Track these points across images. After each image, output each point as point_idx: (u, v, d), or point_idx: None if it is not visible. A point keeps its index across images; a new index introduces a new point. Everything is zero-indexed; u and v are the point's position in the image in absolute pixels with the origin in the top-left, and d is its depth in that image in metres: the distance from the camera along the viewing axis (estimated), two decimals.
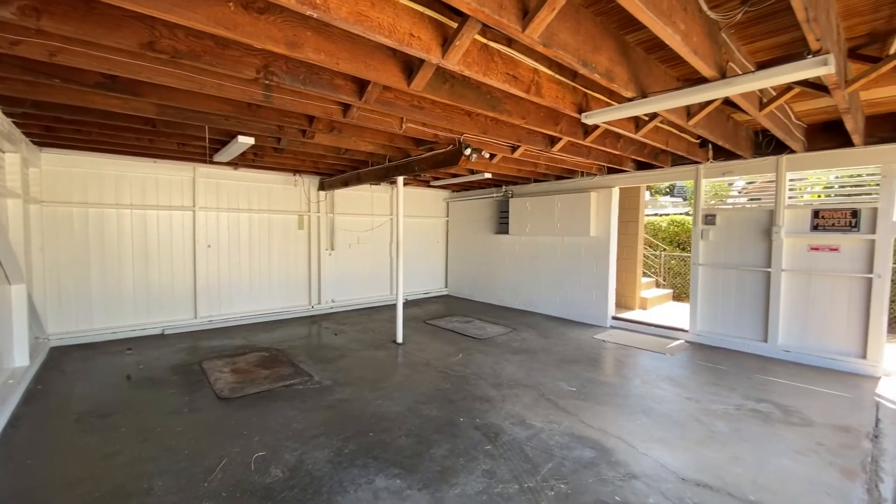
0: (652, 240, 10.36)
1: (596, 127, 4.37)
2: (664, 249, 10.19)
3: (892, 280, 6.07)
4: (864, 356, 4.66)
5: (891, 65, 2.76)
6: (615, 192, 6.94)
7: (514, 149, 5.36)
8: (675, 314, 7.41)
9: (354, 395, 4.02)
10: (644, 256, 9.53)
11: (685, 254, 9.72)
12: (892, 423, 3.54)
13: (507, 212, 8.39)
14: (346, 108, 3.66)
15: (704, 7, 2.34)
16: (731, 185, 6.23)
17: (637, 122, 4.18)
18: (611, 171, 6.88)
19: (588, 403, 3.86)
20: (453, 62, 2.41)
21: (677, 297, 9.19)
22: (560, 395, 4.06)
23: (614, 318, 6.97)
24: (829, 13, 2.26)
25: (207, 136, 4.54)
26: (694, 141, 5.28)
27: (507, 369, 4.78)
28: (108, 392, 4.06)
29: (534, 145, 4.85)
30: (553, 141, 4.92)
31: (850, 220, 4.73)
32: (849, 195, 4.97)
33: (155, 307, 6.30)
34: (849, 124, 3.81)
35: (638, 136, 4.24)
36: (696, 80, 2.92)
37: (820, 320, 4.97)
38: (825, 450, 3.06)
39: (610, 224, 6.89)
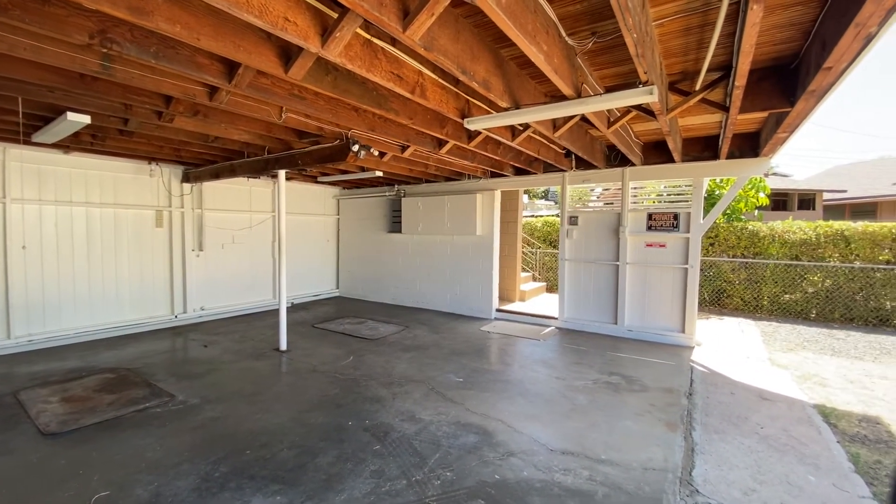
0: (529, 238, 11.43)
1: (478, 133, 4.65)
2: (539, 247, 11.33)
3: (701, 269, 7.67)
4: (683, 331, 5.82)
5: (697, 98, 3.47)
6: (497, 194, 7.48)
7: (403, 148, 5.41)
8: (549, 304, 8.28)
9: (228, 412, 3.62)
10: (523, 253, 10.47)
11: (556, 250, 10.94)
12: (701, 382, 4.49)
13: (400, 211, 8.43)
14: (213, 90, 3.27)
15: (563, 33, 2.66)
16: (592, 190, 7.20)
17: (513, 131, 4.57)
18: (493, 175, 7.39)
19: (474, 392, 4.10)
20: (334, 54, 2.33)
21: (550, 288, 10.29)
22: (448, 386, 4.23)
23: (498, 310, 7.52)
24: (653, 52, 2.76)
25: (21, 110, 3.63)
26: (560, 151, 5.98)
27: (398, 367, 4.80)
28: None
29: (423, 146, 4.95)
30: (440, 143, 5.09)
31: (673, 222, 5.87)
32: (673, 202, 6.16)
33: None
34: (670, 144, 4.72)
35: (514, 144, 4.63)
36: (559, 97, 3.30)
37: (653, 304, 6.06)
38: (656, 409, 3.75)
39: (493, 224, 7.41)
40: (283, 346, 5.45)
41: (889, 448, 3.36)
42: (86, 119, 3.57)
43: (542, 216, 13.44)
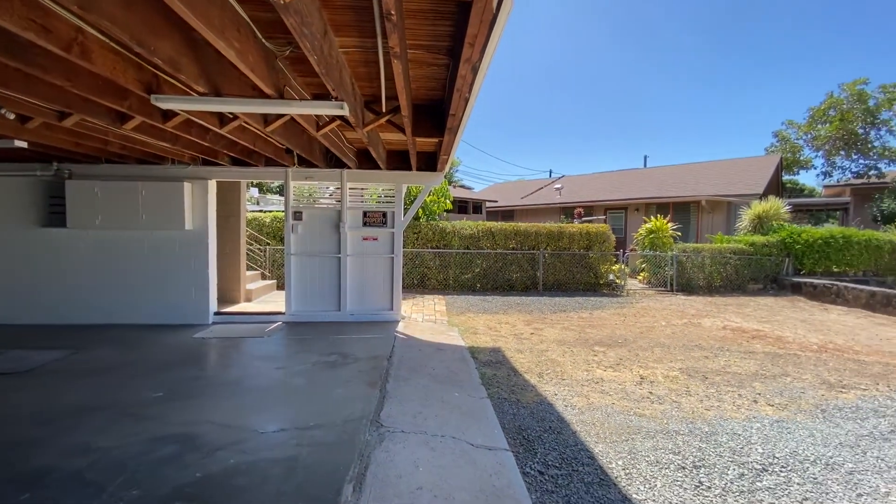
0: (258, 235, 10.84)
1: (177, 113, 4.16)
2: (269, 244, 10.92)
3: (410, 259, 9.32)
4: (391, 309, 7.02)
5: (384, 119, 4.31)
6: (212, 184, 6.78)
7: (63, 116, 4.18)
8: (278, 301, 8.16)
9: None
10: (249, 250, 9.84)
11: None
12: (401, 346, 5.59)
13: (63, 197, 6.34)
14: None
15: (259, 35, 2.81)
16: (326, 188, 7.54)
17: (222, 119, 4.34)
18: (206, 162, 6.65)
19: (178, 403, 3.70)
20: None
21: (281, 286, 10.10)
22: (144, 405, 3.65)
23: (217, 313, 6.86)
24: (341, 73, 3.29)
25: None
26: (281, 147, 6.03)
27: (66, 399, 3.74)
28: None
29: (95, 118, 3.99)
30: (123, 118, 4.24)
31: (382, 219, 6.97)
32: (385, 202, 7.28)
33: None
34: (374, 154, 5.61)
35: (224, 132, 4.41)
36: (266, 94, 3.42)
37: (369, 289, 7.02)
38: (363, 374, 4.46)
39: (208, 217, 6.68)
40: None
41: (501, 366, 5.22)
42: None
43: (271, 211, 12.93)
